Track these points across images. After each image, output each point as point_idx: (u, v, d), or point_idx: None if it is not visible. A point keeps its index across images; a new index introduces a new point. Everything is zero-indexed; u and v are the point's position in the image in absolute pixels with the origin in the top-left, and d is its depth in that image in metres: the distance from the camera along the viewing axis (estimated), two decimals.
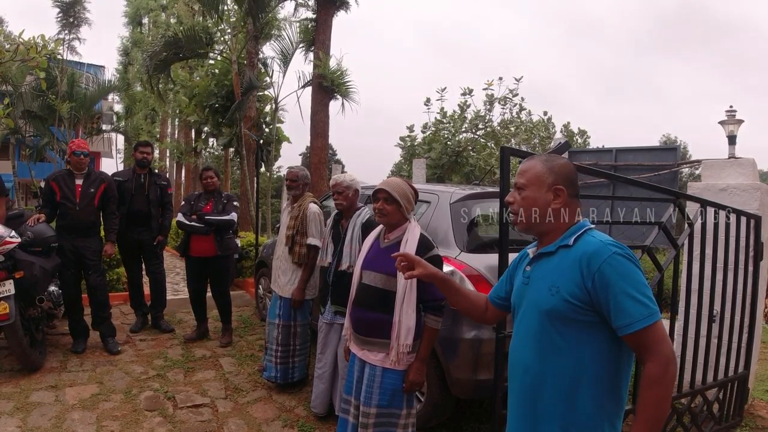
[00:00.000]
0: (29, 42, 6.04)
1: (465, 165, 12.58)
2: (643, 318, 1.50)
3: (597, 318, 1.59)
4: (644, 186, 3.21)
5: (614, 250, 1.57)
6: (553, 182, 1.73)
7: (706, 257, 3.44)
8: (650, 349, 1.52)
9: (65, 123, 16.06)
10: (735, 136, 11.57)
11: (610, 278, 1.54)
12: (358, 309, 2.80)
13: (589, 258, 1.58)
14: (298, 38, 12.37)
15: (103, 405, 3.91)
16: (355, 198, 3.75)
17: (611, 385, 1.61)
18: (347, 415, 2.82)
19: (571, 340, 1.61)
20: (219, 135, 12.92)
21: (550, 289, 1.65)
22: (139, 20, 27.37)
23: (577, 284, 1.59)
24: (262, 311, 6.29)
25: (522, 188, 1.77)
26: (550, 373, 1.65)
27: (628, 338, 1.55)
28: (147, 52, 12.08)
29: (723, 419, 3.71)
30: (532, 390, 1.70)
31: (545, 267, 1.72)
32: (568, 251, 1.67)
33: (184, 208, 5.25)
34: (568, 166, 1.78)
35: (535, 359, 1.69)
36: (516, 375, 1.79)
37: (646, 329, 1.50)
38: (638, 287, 1.53)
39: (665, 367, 1.50)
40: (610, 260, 1.55)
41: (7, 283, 4.11)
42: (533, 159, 1.81)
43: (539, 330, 1.68)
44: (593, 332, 1.60)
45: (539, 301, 1.68)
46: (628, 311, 1.51)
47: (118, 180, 5.62)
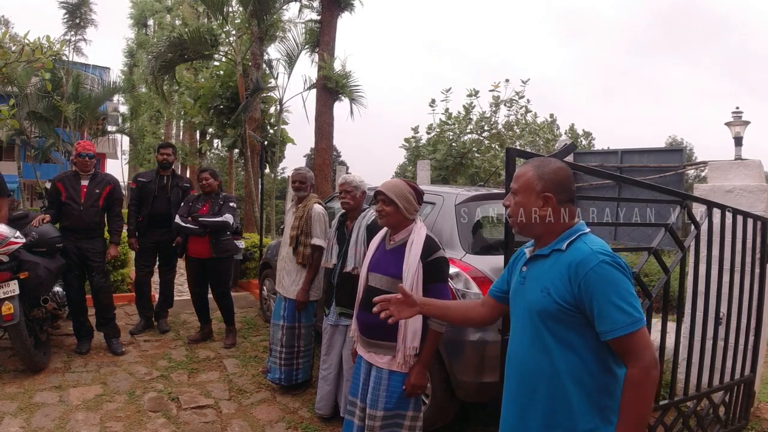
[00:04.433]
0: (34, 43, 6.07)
1: (470, 166, 12.54)
2: (625, 325, 1.57)
3: (584, 319, 1.66)
4: (651, 188, 3.19)
5: (602, 258, 1.63)
6: (541, 189, 1.78)
7: (713, 259, 3.42)
8: (633, 355, 1.58)
9: (70, 124, 16.11)
10: (741, 138, 11.52)
11: (595, 286, 1.60)
12: (365, 312, 2.78)
13: (577, 265, 1.65)
14: (303, 40, 12.39)
15: (107, 406, 3.91)
16: (362, 199, 3.74)
17: (604, 382, 1.66)
18: (352, 417, 2.80)
19: (563, 339, 1.68)
20: (223, 136, 12.92)
21: (543, 290, 1.72)
22: (144, 22, 27.50)
23: (566, 288, 1.66)
24: (266, 312, 6.28)
25: (515, 193, 1.85)
26: (544, 370, 1.71)
27: (611, 343, 1.61)
28: (152, 54, 12.11)
29: (729, 422, 3.68)
30: (527, 386, 1.76)
31: (540, 269, 1.79)
32: (560, 255, 1.73)
33: (182, 210, 5.26)
34: (559, 172, 1.81)
35: (529, 357, 1.76)
36: (512, 371, 1.86)
37: (627, 336, 1.57)
38: (622, 295, 1.59)
39: (647, 372, 1.57)
40: (596, 268, 1.62)
41: (12, 283, 4.11)
42: (527, 165, 1.87)
43: (533, 329, 1.75)
44: (584, 332, 1.66)
45: (533, 301, 1.75)
46: (611, 318, 1.58)
47: (141, 181, 5.69)
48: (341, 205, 3.78)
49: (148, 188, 5.61)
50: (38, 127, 15.76)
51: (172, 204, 5.58)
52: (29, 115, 14.65)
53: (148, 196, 5.60)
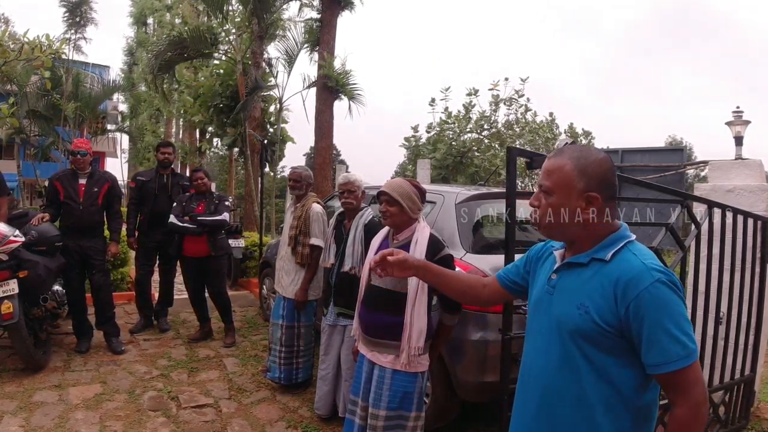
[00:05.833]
0: (34, 42, 6.06)
1: (470, 166, 12.54)
2: (679, 358, 1.35)
3: (626, 344, 1.43)
4: (653, 187, 3.19)
5: (658, 276, 1.38)
6: (585, 187, 1.48)
7: (713, 259, 3.41)
8: (682, 392, 1.38)
9: (70, 123, 16.06)
10: (742, 137, 11.53)
11: (648, 309, 1.36)
12: (367, 310, 2.78)
13: (626, 283, 1.40)
14: (303, 38, 12.38)
15: (107, 405, 3.90)
16: (362, 198, 3.73)
17: (639, 411, 1.47)
18: (354, 416, 2.80)
19: (597, 362, 1.46)
20: (223, 135, 12.92)
21: (579, 307, 1.47)
22: (144, 20, 27.44)
23: (610, 309, 1.42)
24: (266, 311, 6.28)
25: (550, 192, 1.54)
26: (571, 395, 1.49)
27: (659, 377, 1.41)
28: (152, 53, 12.12)
29: (729, 422, 3.67)
30: (549, 409, 1.55)
31: (575, 280, 1.53)
32: (603, 267, 1.47)
33: (176, 210, 5.26)
34: (603, 163, 1.51)
35: (555, 378, 1.54)
36: (530, 390, 1.63)
37: (680, 371, 1.36)
38: (679, 322, 1.37)
39: (696, 411, 1.37)
40: (651, 288, 1.37)
41: (11, 282, 4.10)
42: (561, 156, 1.54)
43: (561, 348, 1.52)
44: (621, 357, 1.44)
45: (564, 318, 1.52)
46: (664, 349, 1.36)
47: (140, 180, 5.70)
48: (342, 205, 3.75)
49: (148, 187, 5.61)
50: (38, 125, 15.72)
51: (173, 203, 5.58)
52: (29, 114, 14.61)
53: (149, 195, 5.59)
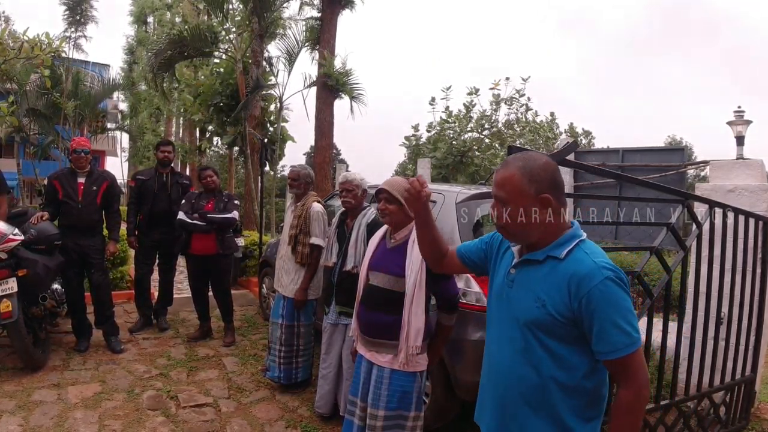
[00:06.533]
0: (34, 40, 6.05)
1: (470, 165, 12.54)
2: (624, 347, 1.51)
3: (579, 333, 1.58)
4: (654, 187, 3.18)
5: (606, 274, 1.53)
6: (536, 191, 1.60)
7: (714, 259, 3.41)
8: (626, 376, 1.54)
9: (70, 121, 16.06)
10: (743, 137, 11.52)
11: (598, 303, 1.51)
12: (366, 310, 2.77)
13: (579, 280, 1.54)
14: (304, 37, 12.35)
15: (106, 404, 3.90)
16: (363, 198, 3.72)
17: (593, 394, 1.63)
18: (353, 416, 2.80)
19: (553, 349, 1.60)
20: (223, 134, 12.89)
21: (536, 300, 1.61)
22: (144, 19, 27.40)
23: (564, 303, 1.56)
24: (265, 311, 6.28)
25: (505, 203, 1.65)
26: (532, 382, 1.63)
27: (607, 363, 1.57)
28: (152, 51, 12.07)
29: (729, 422, 3.67)
30: (512, 398, 1.68)
31: (532, 275, 1.66)
32: (558, 264, 1.61)
33: (185, 207, 5.25)
34: (548, 166, 1.64)
35: (516, 368, 1.66)
36: (494, 381, 1.76)
37: (625, 357, 1.52)
38: (624, 315, 1.52)
39: (638, 393, 1.54)
40: (600, 285, 1.52)
41: (10, 281, 4.09)
42: (508, 167, 1.65)
43: (522, 340, 1.65)
44: (574, 344, 1.59)
45: (523, 311, 1.64)
46: (611, 339, 1.51)
47: (140, 179, 5.68)
48: (342, 204, 3.75)
49: (147, 186, 5.60)
50: (38, 124, 15.70)
51: (173, 202, 5.57)
52: (29, 112, 14.60)
53: (148, 194, 5.59)
